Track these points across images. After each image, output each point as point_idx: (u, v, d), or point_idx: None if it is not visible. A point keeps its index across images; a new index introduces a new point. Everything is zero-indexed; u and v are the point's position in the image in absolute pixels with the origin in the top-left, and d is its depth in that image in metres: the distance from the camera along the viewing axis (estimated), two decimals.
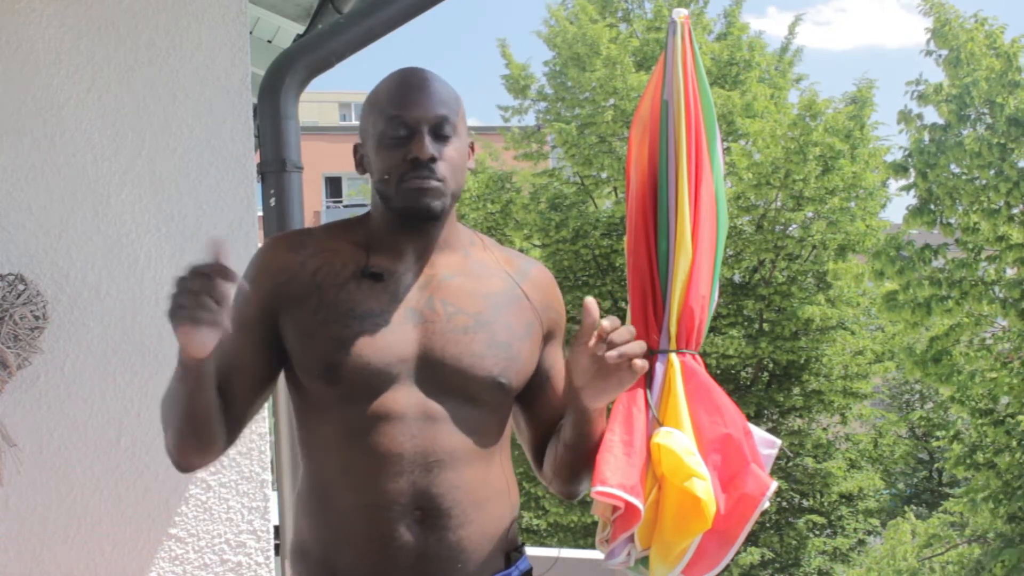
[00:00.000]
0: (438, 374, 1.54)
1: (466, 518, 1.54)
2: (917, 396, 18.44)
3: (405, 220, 1.57)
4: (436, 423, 1.53)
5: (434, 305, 1.58)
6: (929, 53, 10.07)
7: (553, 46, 13.94)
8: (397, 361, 1.53)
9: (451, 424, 1.54)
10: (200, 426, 1.51)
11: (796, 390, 13.22)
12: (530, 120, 14.63)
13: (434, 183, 1.53)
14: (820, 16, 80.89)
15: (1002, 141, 9.43)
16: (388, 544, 1.50)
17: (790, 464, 13.47)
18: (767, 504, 2.67)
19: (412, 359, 1.54)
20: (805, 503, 13.60)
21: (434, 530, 1.51)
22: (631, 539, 2.68)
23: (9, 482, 2.64)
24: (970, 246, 9.98)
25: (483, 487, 1.57)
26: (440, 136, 1.55)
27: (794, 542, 13.34)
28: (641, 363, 1.60)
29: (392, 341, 1.53)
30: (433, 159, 1.53)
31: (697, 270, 2.77)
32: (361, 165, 1.65)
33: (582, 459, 1.76)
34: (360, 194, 22.10)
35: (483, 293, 1.62)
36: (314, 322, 1.54)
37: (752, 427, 2.81)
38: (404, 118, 1.53)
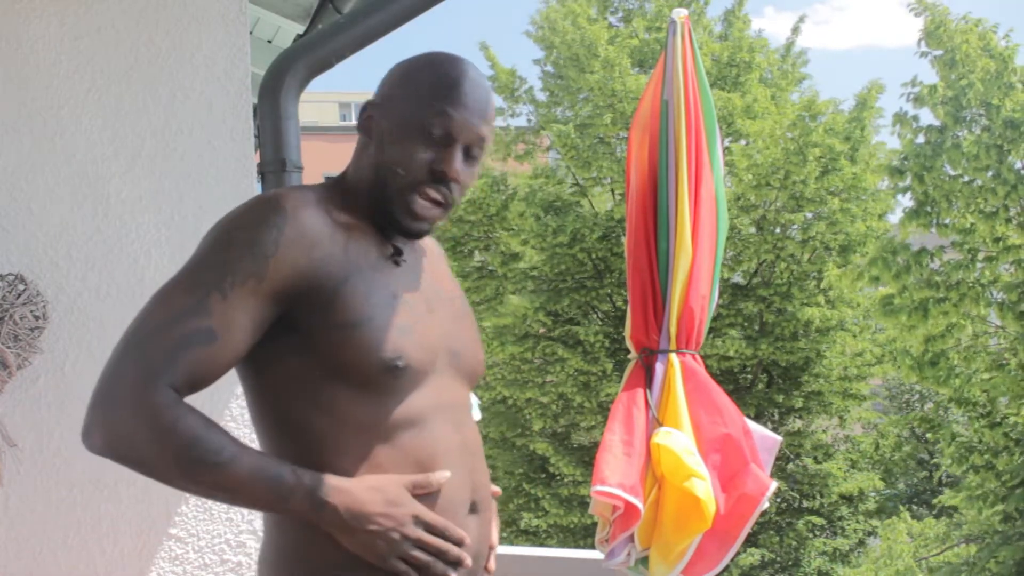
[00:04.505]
0: (458, 360, 1.49)
1: (491, 504, 1.54)
2: (917, 396, 18.45)
3: (391, 225, 1.46)
4: (464, 411, 1.50)
5: (436, 290, 1.52)
6: (924, 55, 10.07)
7: (549, 46, 13.92)
8: (435, 348, 1.45)
9: (468, 411, 1.52)
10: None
11: (796, 391, 13.23)
12: (520, 122, 14.64)
13: (438, 211, 1.45)
14: (818, 15, 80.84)
15: (999, 143, 9.43)
16: None
17: (790, 465, 13.48)
18: (767, 504, 2.68)
19: (443, 346, 1.47)
20: (805, 504, 13.61)
21: (481, 521, 1.48)
22: (631, 539, 2.69)
23: (9, 482, 2.64)
24: (967, 248, 9.98)
25: None
26: (470, 155, 1.46)
27: (794, 543, 13.34)
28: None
29: (430, 328, 1.45)
30: (456, 180, 1.44)
31: (697, 270, 2.79)
32: (368, 128, 1.48)
33: None
34: None
35: (447, 276, 1.59)
36: (367, 306, 1.37)
37: (752, 424, 2.81)
38: (447, 123, 1.41)
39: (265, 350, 1.38)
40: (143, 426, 1.26)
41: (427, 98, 1.42)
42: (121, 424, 1.27)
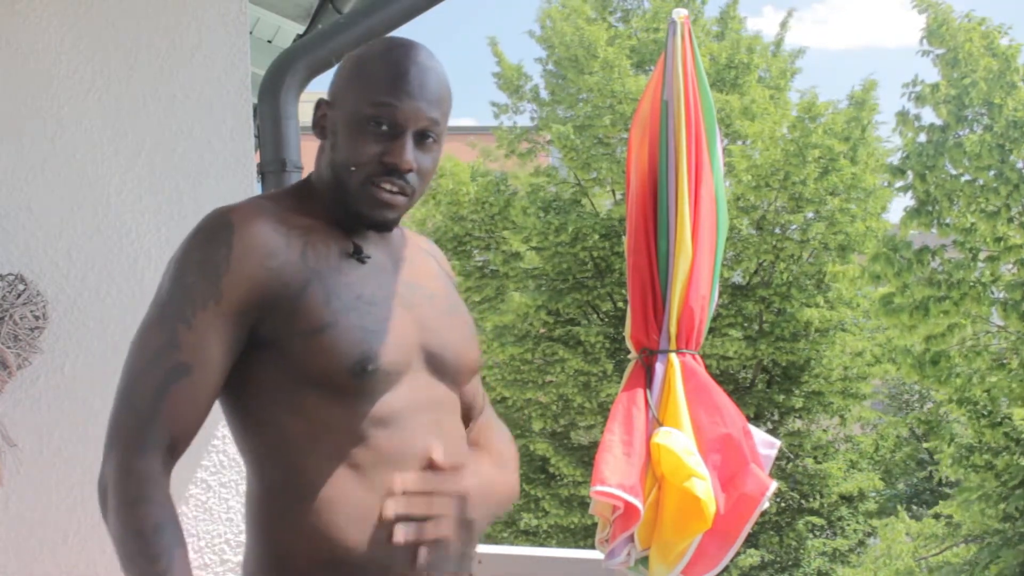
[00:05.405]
0: (437, 360, 1.46)
1: (475, 507, 1.48)
2: (916, 396, 18.45)
3: (357, 221, 1.44)
4: (445, 412, 1.46)
5: (412, 287, 1.48)
6: (926, 54, 10.07)
7: (548, 46, 13.92)
8: (410, 348, 1.42)
9: (453, 412, 1.49)
10: None
11: (796, 391, 13.23)
12: (524, 120, 14.61)
13: (401, 199, 1.42)
14: (816, 14, 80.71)
15: (1001, 142, 9.43)
16: (441, 545, 1.38)
17: (790, 465, 13.48)
18: (767, 504, 2.69)
19: (418, 346, 1.44)
20: (805, 504, 13.61)
21: (465, 523, 1.42)
22: (631, 539, 2.69)
23: (9, 482, 2.64)
24: (968, 247, 9.98)
25: None
26: (423, 142, 1.42)
27: (794, 543, 13.34)
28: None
29: (404, 327, 1.42)
30: (410, 169, 1.40)
31: (697, 270, 2.79)
32: (322, 128, 1.46)
33: None
34: None
35: (431, 274, 1.55)
36: (328, 311, 1.35)
37: (751, 427, 2.82)
38: (392, 113, 1.38)
39: (241, 365, 1.38)
40: (114, 494, 1.30)
41: (371, 91, 1.39)
42: (105, 484, 1.32)
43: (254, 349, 1.38)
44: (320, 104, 1.47)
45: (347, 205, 1.43)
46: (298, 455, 1.37)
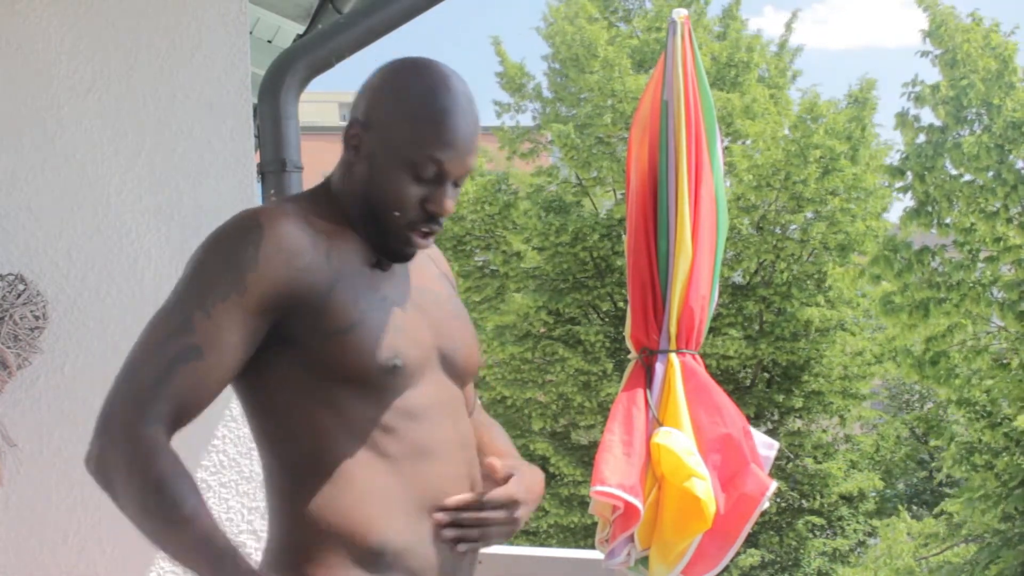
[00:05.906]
0: (449, 361, 1.50)
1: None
2: (916, 396, 18.45)
3: (384, 253, 1.48)
4: (458, 411, 1.51)
5: (422, 291, 1.52)
6: (925, 54, 10.08)
7: (552, 45, 13.93)
8: (428, 348, 1.47)
9: (464, 412, 1.53)
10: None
11: (796, 391, 13.23)
12: (526, 119, 14.60)
13: (431, 240, 1.49)
14: (816, 14, 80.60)
15: (999, 143, 9.44)
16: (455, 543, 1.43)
17: (790, 465, 13.48)
18: (767, 504, 2.69)
19: (434, 347, 1.48)
20: (805, 504, 13.61)
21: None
22: (631, 539, 2.69)
23: (9, 482, 2.64)
24: (967, 248, 9.99)
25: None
26: (456, 184, 1.47)
27: (794, 543, 13.35)
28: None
29: (421, 329, 1.47)
30: (448, 214, 1.47)
31: (697, 270, 2.79)
32: (355, 148, 1.47)
33: None
34: None
35: (433, 276, 1.59)
36: (356, 311, 1.39)
37: (750, 429, 2.82)
38: (440, 165, 1.42)
39: (263, 360, 1.39)
40: (121, 458, 1.29)
41: (418, 140, 1.42)
42: (107, 453, 1.30)
43: (277, 346, 1.39)
44: (354, 123, 1.47)
45: (379, 238, 1.46)
46: (329, 443, 1.39)
